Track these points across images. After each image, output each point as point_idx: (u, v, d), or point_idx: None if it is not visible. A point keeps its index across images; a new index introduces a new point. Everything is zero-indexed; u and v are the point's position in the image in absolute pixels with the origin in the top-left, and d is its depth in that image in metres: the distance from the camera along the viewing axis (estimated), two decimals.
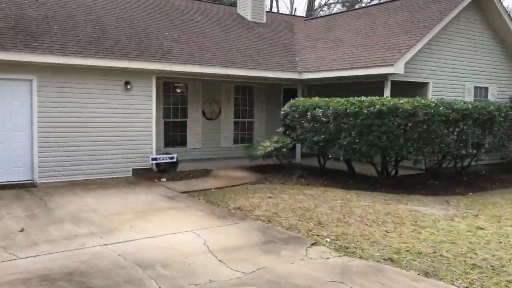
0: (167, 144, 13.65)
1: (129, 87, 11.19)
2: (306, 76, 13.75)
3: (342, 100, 10.50)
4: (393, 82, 11.67)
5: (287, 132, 12.02)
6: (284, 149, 11.61)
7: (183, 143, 14.00)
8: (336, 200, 8.90)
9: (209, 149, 14.42)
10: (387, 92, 11.62)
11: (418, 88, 12.62)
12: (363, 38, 13.78)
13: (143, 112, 11.52)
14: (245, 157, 12.28)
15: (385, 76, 11.60)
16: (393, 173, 11.11)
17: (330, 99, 10.88)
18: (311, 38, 16.32)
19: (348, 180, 10.95)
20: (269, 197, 9.07)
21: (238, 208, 8.19)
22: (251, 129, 15.42)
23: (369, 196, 9.34)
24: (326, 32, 16.07)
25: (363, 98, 10.25)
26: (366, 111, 9.75)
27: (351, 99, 10.39)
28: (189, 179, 11.17)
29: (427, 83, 12.57)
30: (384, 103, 9.74)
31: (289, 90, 15.89)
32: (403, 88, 12.08)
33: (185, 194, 9.46)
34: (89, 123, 10.76)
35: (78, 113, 10.61)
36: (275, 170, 12.15)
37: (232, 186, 10.39)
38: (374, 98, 10.16)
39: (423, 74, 12.39)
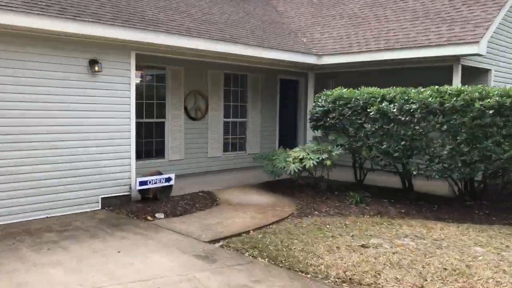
0: (138, 155, 9.43)
1: (96, 68, 6.97)
2: (327, 60, 10.30)
3: (426, 90, 7.22)
4: (447, 69, 8.71)
5: (329, 138, 8.48)
6: (329, 162, 8.06)
7: (160, 153, 9.87)
8: (472, 246, 5.57)
9: (194, 160, 10.42)
10: (456, 80, 8.59)
11: (476, 76, 9.72)
12: (394, 12, 10.61)
13: (117, 108, 7.39)
14: (269, 173, 8.54)
15: (455, 59, 8.54)
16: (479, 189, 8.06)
17: (404, 88, 7.54)
18: (310, 16, 12.88)
19: (430, 204, 7.68)
20: (364, 246, 5.54)
21: (349, 279, 4.54)
22: (243, 133, 11.59)
23: (508, 236, 6.14)
24: (331, 8, 12.72)
25: (461, 87, 7.06)
26: (479, 105, 6.54)
27: (440, 88, 7.15)
28: (196, 211, 7.24)
29: (488, 70, 9.72)
30: (502, 93, 6.60)
31: (287, 81, 12.37)
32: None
33: (218, 245, 5.59)
34: (32, 126, 6.43)
35: (14, 110, 6.24)
36: (307, 190, 8.59)
37: (274, 223, 6.66)
38: (481, 86, 7.01)
39: (488, 59, 9.49)
